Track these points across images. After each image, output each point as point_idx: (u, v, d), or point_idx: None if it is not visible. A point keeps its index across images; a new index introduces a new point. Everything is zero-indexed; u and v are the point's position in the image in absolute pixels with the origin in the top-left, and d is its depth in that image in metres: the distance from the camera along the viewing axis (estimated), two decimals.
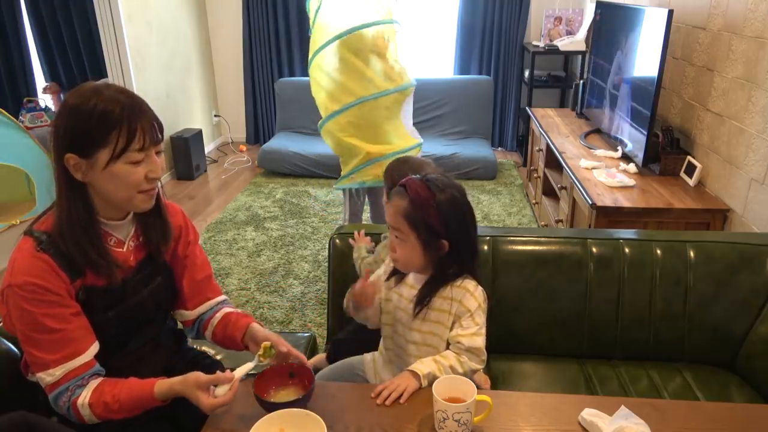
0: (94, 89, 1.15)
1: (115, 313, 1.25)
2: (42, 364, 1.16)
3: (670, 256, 1.71)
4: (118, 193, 1.18)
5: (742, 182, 2.31)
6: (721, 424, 1.16)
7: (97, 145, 1.13)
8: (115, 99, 1.14)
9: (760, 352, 1.63)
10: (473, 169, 4.60)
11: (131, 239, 1.30)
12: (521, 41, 5.03)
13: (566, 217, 3.00)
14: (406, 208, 1.27)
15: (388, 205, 1.34)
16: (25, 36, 5.52)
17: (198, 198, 4.43)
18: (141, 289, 1.30)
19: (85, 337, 1.19)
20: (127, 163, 1.15)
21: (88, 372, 1.19)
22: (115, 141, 1.13)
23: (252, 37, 5.29)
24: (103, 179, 1.16)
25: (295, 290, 3.06)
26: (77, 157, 1.14)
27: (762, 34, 2.19)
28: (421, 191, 1.27)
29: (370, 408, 1.20)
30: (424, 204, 1.26)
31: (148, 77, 4.43)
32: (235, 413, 1.18)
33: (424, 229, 1.27)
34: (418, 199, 1.27)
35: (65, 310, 1.16)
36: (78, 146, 1.14)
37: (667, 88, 3.03)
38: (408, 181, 1.31)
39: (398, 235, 1.30)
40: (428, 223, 1.27)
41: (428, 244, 1.29)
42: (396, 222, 1.29)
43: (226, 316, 1.41)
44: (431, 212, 1.26)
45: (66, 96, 1.17)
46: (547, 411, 1.19)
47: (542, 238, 1.77)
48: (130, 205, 1.23)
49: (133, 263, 1.29)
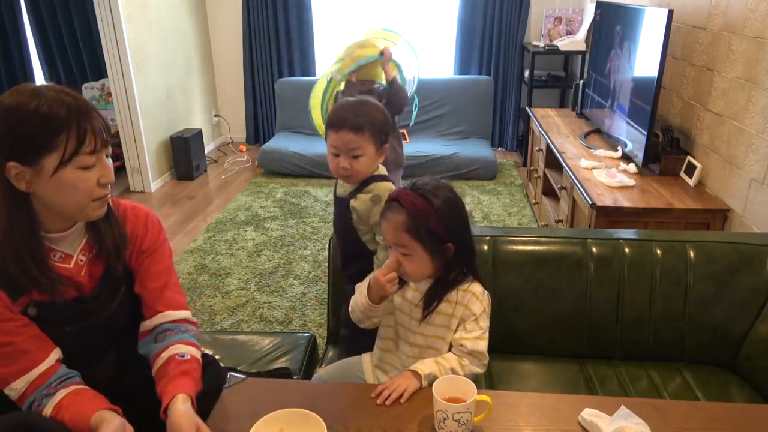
0: (33, 90, 1.05)
1: (72, 329, 1.18)
2: (2, 380, 1.11)
3: (670, 256, 1.71)
4: (69, 201, 1.09)
5: (742, 182, 2.31)
6: (721, 424, 1.16)
7: (42, 151, 1.04)
8: (59, 100, 1.05)
9: (760, 352, 1.63)
10: (473, 169, 4.60)
11: (81, 253, 1.20)
12: (521, 41, 5.03)
13: (566, 217, 3.00)
14: (406, 221, 1.25)
15: (384, 222, 1.31)
16: (25, 36, 5.53)
17: (198, 198, 4.43)
18: (109, 304, 1.24)
19: (41, 346, 1.13)
20: (78, 168, 1.07)
21: (53, 378, 1.13)
22: (63, 145, 1.04)
23: (252, 37, 5.29)
24: (51, 188, 1.07)
25: (295, 290, 3.05)
26: (20, 165, 1.04)
27: (762, 34, 2.19)
28: (417, 201, 1.25)
29: (370, 408, 1.20)
30: (423, 213, 1.24)
31: (148, 77, 4.43)
32: (235, 413, 1.18)
33: (429, 238, 1.25)
34: (415, 210, 1.24)
35: (9, 324, 1.10)
36: (20, 153, 1.04)
37: (667, 88, 3.03)
38: (400, 194, 1.28)
39: (403, 251, 1.27)
40: (431, 231, 1.25)
41: (435, 251, 1.27)
42: (398, 238, 1.27)
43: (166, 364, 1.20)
44: (432, 219, 1.25)
45: (0, 99, 1.05)
46: (547, 411, 1.19)
47: (542, 238, 1.77)
48: (82, 215, 1.14)
49: (85, 279, 1.20)
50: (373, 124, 1.47)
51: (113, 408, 1.12)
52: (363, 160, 1.48)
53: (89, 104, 1.10)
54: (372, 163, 1.51)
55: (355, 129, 1.45)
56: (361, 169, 1.49)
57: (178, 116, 4.91)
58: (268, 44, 5.31)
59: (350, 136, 1.45)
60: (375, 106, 1.53)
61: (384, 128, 1.51)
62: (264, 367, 1.74)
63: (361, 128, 1.45)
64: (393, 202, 1.29)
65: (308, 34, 5.30)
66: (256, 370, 1.71)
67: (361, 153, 1.47)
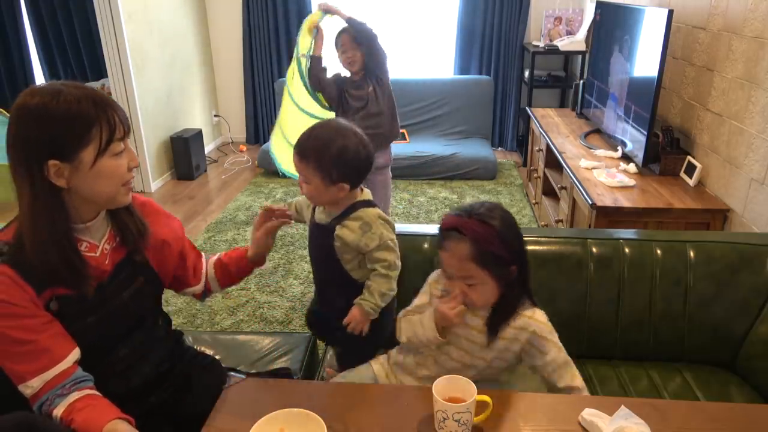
0: (54, 90, 1.09)
1: (95, 318, 1.20)
2: (19, 377, 1.12)
3: (670, 256, 1.71)
4: (105, 189, 1.15)
5: (742, 182, 2.31)
6: (721, 424, 1.16)
7: (79, 146, 1.09)
8: (82, 96, 1.09)
9: (760, 352, 1.63)
10: (473, 169, 4.60)
11: (106, 242, 1.24)
12: (521, 41, 5.03)
13: (566, 217, 3.00)
14: (471, 250, 1.21)
15: (444, 253, 1.27)
16: (25, 36, 5.53)
17: (198, 198, 4.43)
18: (120, 292, 1.26)
19: (61, 345, 1.14)
20: (112, 156, 1.13)
21: (69, 380, 1.14)
22: (98, 136, 1.10)
23: (252, 37, 5.29)
24: (90, 179, 1.12)
25: (295, 290, 3.05)
26: (59, 162, 1.08)
27: (762, 34, 2.19)
28: (478, 227, 1.21)
29: (370, 408, 1.20)
30: (486, 239, 1.21)
31: (148, 77, 4.43)
32: (235, 413, 1.18)
33: (494, 263, 1.23)
34: (478, 236, 1.21)
35: (34, 320, 1.11)
36: (58, 151, 1.08)
37: (667, 88, 3.03)
38: (458, 223, 1.23)
39: (469, 281, 1.25)
40: (496, 255, 1.22)
41: (500, 276, 1.25)
42: (463, 269, 1.24)
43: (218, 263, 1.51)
44: (495, 243, 1.22)
45: (22, 99, 1.09)
46: (547, 411, 1.19)
47: (542, 238, 1.77)
48: (114, 202, 1.19)
49: (109, 267, 1.24)
50: (320, 157, 1.35)
51: (126, 418, 1.13)
52: (310, 186, 1.39)
53: (107, 96, 1.15)
54: (324, 193, 1.39)
55: (300, 156, 1.38)
56: (311, 194, 1.41)
57: (178, 116, 4.91)
58: (268, 44, 5.31)
59: (296, 160, 1.39)
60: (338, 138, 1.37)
61: (341, 164, 1.36)
62: (264, 367, 1.74)
63: (305, 157, 1.37)
64: (452, 232, 1.24)
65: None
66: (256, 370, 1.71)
67: (307, 181, 1.39)
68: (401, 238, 1.77)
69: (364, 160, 1.40)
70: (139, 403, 1.28)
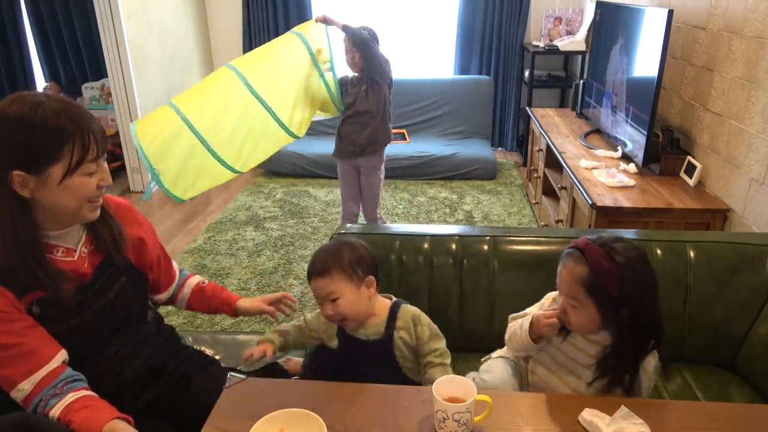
0: (35, 101, 1.07)
1: (79, 320, 1.21)
2: (9, 382, 1.12)
3: (670, 256, 1.71)
4: (70, 204, 1.14)
5: (742, 182, 2.31)
6: (721, 424, 1.16)
7: (49, 161, 1.08)
8: (63, 110, 1.08)
9: (760, 352, 1.63)
10: (473, 169, 4.60)
11: (83, 245, 1.25)
12: (521, 41, 5.03)
13: (566, 217, 3.00)
14: (586, 276, 1.20)
15: (562, 269, 1.27)
16: (25, 36, 5.53)
17: (198, 198, 4.42)
18: (105, 293, 1.26)
19: (47, 346, 1.15)
20: (82, 175, 1.12)
21: (59, 379, 1.14)
22: (69, 155, 1.08)
23: (252, 37, 5.29)
24: (55, 194, 1.11)
25: (295, 290, 3.05)
26: (24, 173, 1.07)
27: (762, 34, 2.19)
28: (604, 261, 1.19)
29: (370, 408, 1.20)
30: (606, 275, 1.19)
31: (148, 77, 4.43)
32: (235, 413, 1.18)
33: (605, 299, 1.21)
34: (599, 269, 1.19)
35: (17, 324, 1.12)
36: (26, 162, 1.07)
37: (667, 88, 3.03)
38: (587, 248, 1.22)
39: (573, 303, 1.24)
40: (609, 294, 1.20)
41: (607, 315, 1.23)
42: (571, 290, 1.24)
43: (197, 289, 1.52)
44: (613, 282, 1.19)
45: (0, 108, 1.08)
46: (547, 411, 1.19)
47: (542, 238, 1.77)
48: (78, 218, 1.19)
49: (89, 270, 1.24)
50: (340, 263, 1.35)
51: (125, 417, 1.13)
52: (342, 301, 1.35)
53: (89, 112, 1.13)
54: (357, 301, 1.36)
55: (322, 274, 1.35)
56: (346, 310, 1.36)
57: None
58: None
59: (321, 283, 1.36)
60: (344, 245, 1.40)
61: (359, 261, 1.37)
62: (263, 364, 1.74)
63: (328, 272, 1.35)
64: (576, 251, 1.24)
65: None
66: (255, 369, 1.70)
67: (338, 296, 1.35)
68: (401, 237, 1.77)
69: (372, 254, 1.42)
70: (135, 398, 1.29)
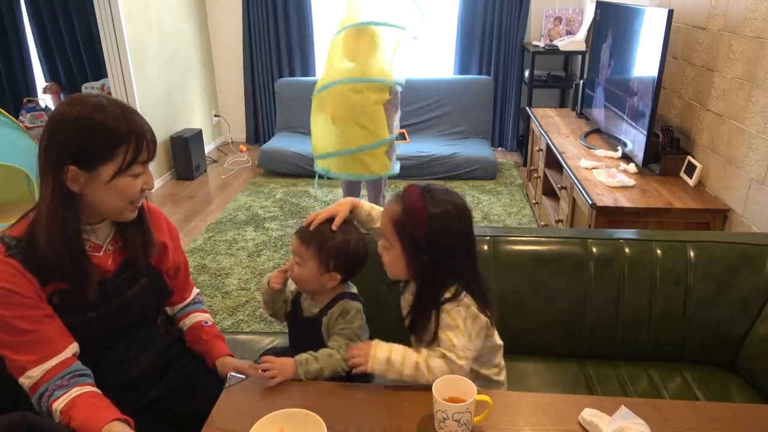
0: (97, 104, 1.16)
1: (96, 314, 1.24)
2: (20, 368, 1.15)
3: (670, 256, 1.71)
4: (113, 204, 1.21)
5: (742, 182, 2.31)
6: (721, 424, 1.16)
7: (102, 160, 1.15)
8: (120, 115, 1.16)
9: (760, 352, 1.63)
10: (473, 169, 4.60)
11: (110, 243, 1.30)
12: (521, 41, 5.03)
13: (566, 217, 3.00)
14: (398, 215, 1.25)
15: (383, 211, 1.32)
16: (25, 36, 5.53)
17: (198, 198, 4.43)
18: (124, 291, 1.30)
19: (61, 338, 1.19)
20: (129, 177, 1.19)
21: (68, 371, 1.17)
22: (122, 156, 1.16)
23: (252, 37, 5.29)
24: (102, 191, 1.18)
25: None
26: (78, 169, 1.14)
27: (762, 34, 2.19)
28: (416, 204, 1.23)
29: (370, 408, 1.20)
30: (415, 218, 1.22)
31: (148, 77, 4.43)
32: (235, 413, 1.18)
33: (409, 242, 1.24)
34: (410, 211, 1.23)
35: (37, 311, 1.16)
36: (81, 159, 1.14)
37: (667, 88, 3.03)
38: (408, 189, 1.27)
39: (385, 243, 1.28)
40: (415, 237, 1.23)
41: (412, 258, 1.25)
42: (386, 229, 1.27)
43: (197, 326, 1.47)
44: (421, 228, 1.22)
45: (63, 106, 1.17)
46: (547, 411, 1.19)
47: (542, 238, 1.77)
48: (119, 216, 1.25)
49: (112, 267, 1.29)
50: (321, 245, 1.37)
51: (125, 418, 1.14)
52: (301, 269, 1.39)
53: (143, 119, 1.21)
54: (312, 279, 1.40)
55: (303, 239, 1.39)
56: (299, 276, 1.40)
57: (178, 116, 4.91)
58: (268, 44, 5.31)
59: (296, 242, 1.40)
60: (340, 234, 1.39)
61: (338, 256, 1.38)
62: None
63: (307, 242, 1.38)
64: (399, 193, 1.28)
65: (308, 34, 5.30)
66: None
67: (302, 263, 1.39)
68: None
69: (360, 257, 1.41)
70: (139, 397, 1.31)
